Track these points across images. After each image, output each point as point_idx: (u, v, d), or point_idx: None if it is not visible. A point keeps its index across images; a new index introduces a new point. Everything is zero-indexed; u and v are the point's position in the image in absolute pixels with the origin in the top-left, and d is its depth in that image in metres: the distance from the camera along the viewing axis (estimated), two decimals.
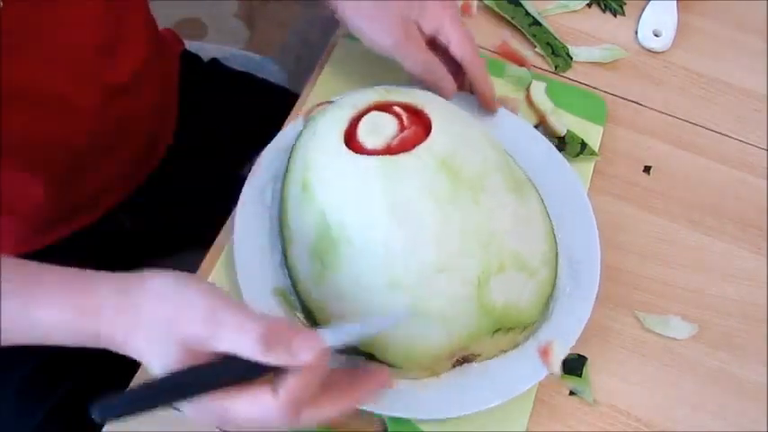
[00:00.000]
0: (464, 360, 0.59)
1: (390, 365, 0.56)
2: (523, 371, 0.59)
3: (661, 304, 0.67)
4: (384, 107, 0.60)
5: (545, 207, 0.64)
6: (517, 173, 0.62)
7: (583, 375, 0.63)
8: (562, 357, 0.59)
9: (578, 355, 0.61)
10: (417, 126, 0.59)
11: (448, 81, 0.67)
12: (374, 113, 0.59)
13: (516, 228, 0.58)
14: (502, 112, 0.72)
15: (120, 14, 0.69)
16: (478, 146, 0.59)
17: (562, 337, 0.60)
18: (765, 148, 0.78)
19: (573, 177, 0.68)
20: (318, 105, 0.70)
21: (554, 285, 0.61)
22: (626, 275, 0.68)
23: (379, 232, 0.55)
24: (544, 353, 0.59)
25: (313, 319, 0.59)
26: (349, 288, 0.56)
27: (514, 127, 0.71)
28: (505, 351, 0.60)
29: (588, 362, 0.63)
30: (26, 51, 0.60)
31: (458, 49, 0.67)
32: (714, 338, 0.66)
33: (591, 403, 0.62)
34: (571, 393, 0.62)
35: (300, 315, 0.60)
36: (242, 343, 0.46)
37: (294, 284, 0.60)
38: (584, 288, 0.62)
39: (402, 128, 0.58)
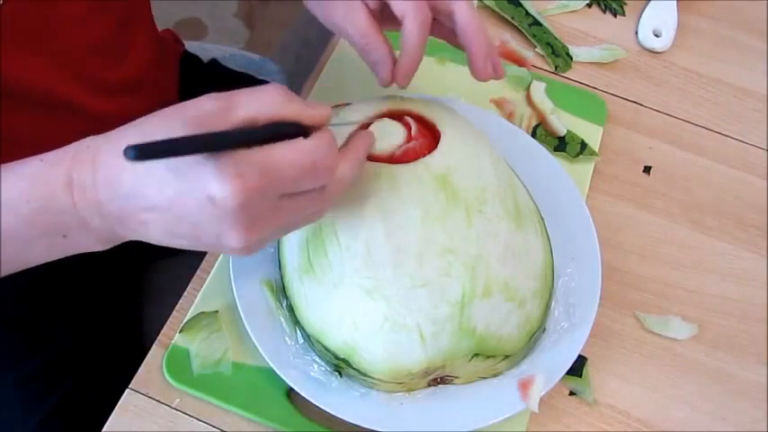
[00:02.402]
0: (441, 381, 0.59)
1: (363, 374, 0.56)
2: (499, 401, 0.58)
3: (661, 304, 0.67)
4: (397, 115, 0.60)
5: (548, 243, 0.62)
6: (524, 205, 0.61)
7: (583, 375, 0.63)
8: (542, 393, 0.58)
9: (578, 355, 0.61)
10: (425, 139, 0.58)
11: (382, 67, 0.58)
12: (386, 120, 0.59)
13: (507, 256, 0.57)
14: (496, 119, 0.71)
15: (122, 14, 0.69)
16: (484, 169, 0.58)
17: (546, 373, 0.59)
18: (765, 148, 0.78)
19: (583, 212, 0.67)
20: (334, 107, 0.71)
21: (542, 321, 0.60)
22: (626, 275, 0.68)
23: (364, 236, 0.54)
24: (523, 386, 0.58)
25: (295, 318, 0.59)
26: (330, 288, 0.56)
27: (510, 136, 0.70)
28: (484, 378, 0.59)
29: (588, 362, 0.63)
30: (27, 50, 0.60)
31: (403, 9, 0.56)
32: (714, 338, 0.66)
33: (591, 403, 0.62)
34: (571, 393, 0.62)
35: (285, 311, 0.60)
36: (262, 99, 0.44)
37: (282, 277, 0.60)
38: (576, 329, 0.61)
39: (409, 139, 0.58)
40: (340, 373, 0.58)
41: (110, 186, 0.44)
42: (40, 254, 0.49)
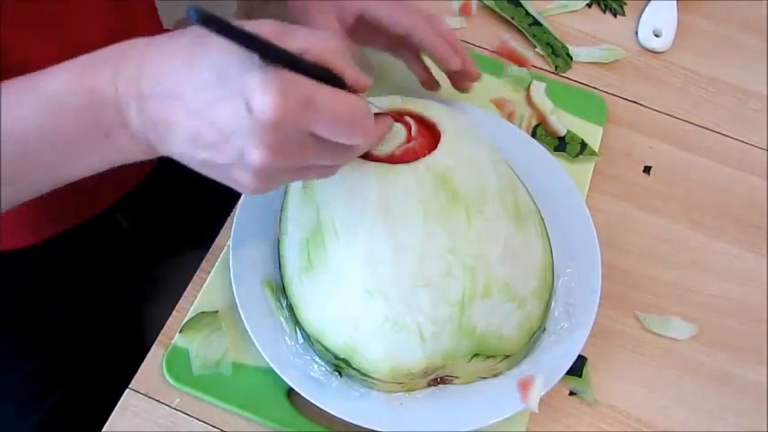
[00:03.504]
0: (441, 381, 0.59)
1: (364, 374, 0.56)
2: (499, 401, 0.58)
3: (661, 304, 0.67)
4: (396, 116, 0.60)
5: (548, 243, 0.62)
6: (524, 205, 0.61)
7: (583, 375, 0.63)
8: (542, 393, 0.58)
9: (578, 355, 0.61)
10: (425, 139, 0.58)
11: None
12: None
13: (507, 257, 0.56)
14: (496, 120, 0.71)
15: (128, 6, 0.69)
16: (484, 170, 0.58)
17: (546, 373, 0.59)
18: (765, 148, 0.78)
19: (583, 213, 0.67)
20: None
21: (542, 321, 0.60)
22: (626, 275, 0.68)
23: (364, 236, 0.54)
24: (523, 386, 0.58)
25: (295, 318, 0.59)
26: (329, 288, 0.56)
27: (511, 137, 0.70)
28: (484, 378, 0.59)
29: (588, 362, 0.63)
30: (32, 44, 0.60)
31: (403, 27, 0.63)
32: (714, 338, 0.66)
33: (591, 403, 0.62)
34: (571, 393, 0.62)
35: (285, 311, 0.60)
36: (318, 38, 0.44)
37: (282, 278, 0.60)
38: (577, 329, 0.61)
39: (409, 138, 0.58)
40: (340, 374, 0.58)
41: (152, 82, 0.44)
42: (84, 160, 0.48)
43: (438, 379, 0.58)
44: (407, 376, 0.56)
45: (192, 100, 0.43)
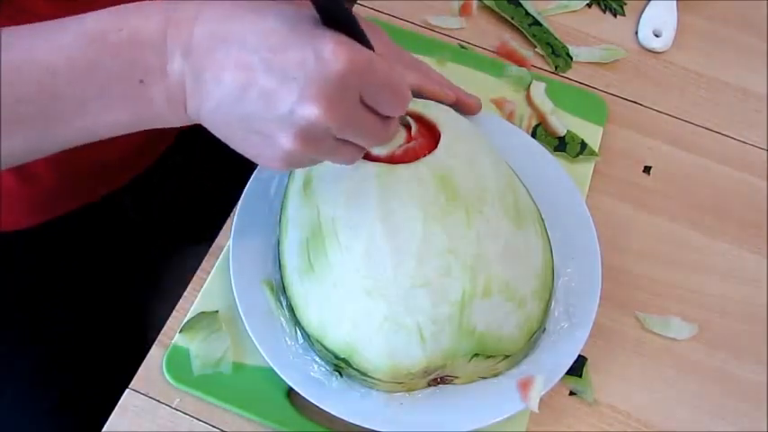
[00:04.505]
0: (441, 381, 0.58)
1: (364, 374, 0.56)
2: (499, 401, 0.58)
3: (661, 304, 0.67)
4: None
5: (548, 243, 0.62)
6: (524, 205, 0.61)
7: (583, 375, 0.63)
8: (542, 393, 0.58)
9: (579, 355, 0.61)
10: (425, 139, 0.58)
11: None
12: None
13: (507, 256, 0.56)
14: (496, 120, 0.71)
15: None
16: (484, 170, 0.58)
17: (546, 373, 0.59)
18: (765, 148, 0.78)
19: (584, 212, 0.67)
20: None
21: (542, 321, 0.60)
22: (626, 275, 0.68)
23: (364, 236, 0.54)
24: (523, 386, 0.58)
25: (295, 318, 0.59)
26: (329, 288, 0.56)
27: (509, 135, 0.70)
28: (485, 378, 0.59)
29: (588, 362, 0.63)
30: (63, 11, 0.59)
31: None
32: (714, 338, 0.66)
33: (591, 403, 0.62)
34: (571, 393, 0.62)
35: (285, 311, 0.60)
36: (373, 33, 0.46)
37: (282, 278, 0.60)
38: (577, 329, 0.61)
39: (409, 138, 0.58)
40: (340, 374, 0.58)
41: (211, 23, 0.44)
42: (111, 110, 0.46)
43: (438, 379, 0.58)
44: (407, 376, 0.56)
45: (255, 44, 0.43)
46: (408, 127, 0.59)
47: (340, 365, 0.57)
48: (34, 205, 0.72)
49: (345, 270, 0.55)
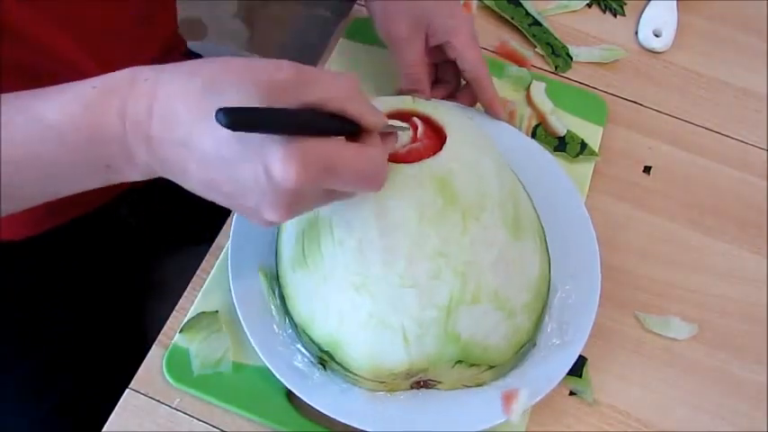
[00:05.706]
0: (424, 384, 0.58)
1: (346, 370, 0.56)
2: (480, 411, 0.57)
3: (661, 304, 0.67)
4: (404, 116, 0.60)
5: (547, 258, 0.62)
6: (525, 217, 0.60)
7: (583, 375, 0.63)
8: (525, 407, 0.57)
9: (579, 355, 0.61)
10: (431, 141, 0.58)
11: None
12: (393, 121, 0.59)
13: (500, 266, 0.56)
14: (496, 120, 0.71)
15: (146, 8, 0.69)
16: (487, 176, 0.58)
17: (531, 388, 0.58)
18: (765, 148, 0.78)
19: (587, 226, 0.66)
20: None
21: (532, 334, 0.59)
22: (626, 275, 0.68)
23: (358, 233, 0.54)
24: (507, 398, 0.58)
25: (285, 307, 0.59)
26: (320, 281, 0.56)
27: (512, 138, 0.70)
28: (468, 386, 0.59)
29: (588, 362, 0.63)
30: (56, 25, 0.59)
31: (472, 71, 0.68)
32: (714, 338, 0.66)
33: (591, 403, 0.62)
34: (571, 393, 0.62)
35: (277, 299, 0.60)
36: (339, 87, 0.45)
37: (277, 267, 0.60)
38: (568, 347, 0.60)
39: (414, 139, 0.58)
40: (324, 367, 0.57)
41: (165, 126, 0.44)
42: (78, 182, 0.48)
43: (421, 382, 0.58)
44: (389, 376, 0.56)
45: (213, 155, 0.43)
46: (415, 128, 0.59)
47: (324, 358, 0.57)
48: (33, 218, 0.73)
49: (336, 264, 0.55)
